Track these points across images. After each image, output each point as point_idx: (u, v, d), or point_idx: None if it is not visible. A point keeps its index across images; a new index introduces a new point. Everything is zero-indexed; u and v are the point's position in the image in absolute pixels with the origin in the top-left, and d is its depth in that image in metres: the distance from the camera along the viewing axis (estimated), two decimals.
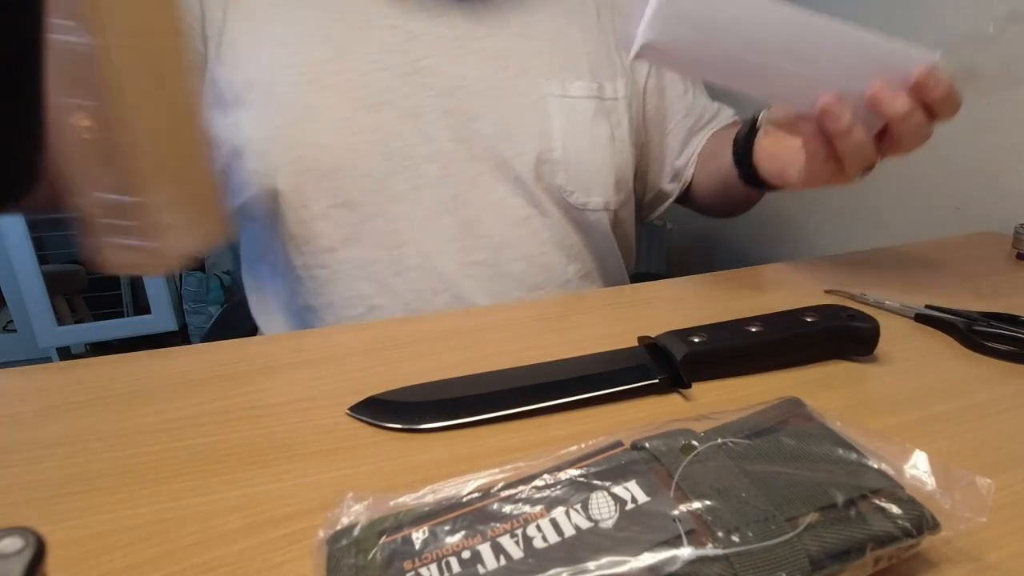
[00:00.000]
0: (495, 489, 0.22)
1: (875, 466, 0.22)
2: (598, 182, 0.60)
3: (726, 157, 0.58)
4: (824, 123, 0.42)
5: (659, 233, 1.33)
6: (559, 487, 0.22)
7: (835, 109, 0.41)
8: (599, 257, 0.64)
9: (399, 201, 0.54)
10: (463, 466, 0.29)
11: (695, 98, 0.69)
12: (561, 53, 0.60)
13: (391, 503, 0.22)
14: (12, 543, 0.15)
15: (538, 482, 0.22)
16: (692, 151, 0.68)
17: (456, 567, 0.19)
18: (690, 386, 0.34)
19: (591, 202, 0.60)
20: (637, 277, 1.21)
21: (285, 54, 0.54)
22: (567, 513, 0.20)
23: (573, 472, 0.22)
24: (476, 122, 0.56)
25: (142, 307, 2.06)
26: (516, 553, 0.19)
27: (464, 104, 0.56)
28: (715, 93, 0.72)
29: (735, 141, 0.56)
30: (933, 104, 0.42)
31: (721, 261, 1.23)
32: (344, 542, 0.21)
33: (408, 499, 0.22)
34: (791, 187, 0.50)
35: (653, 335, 0.37)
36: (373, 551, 0.20)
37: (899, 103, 0.41)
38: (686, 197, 0.72)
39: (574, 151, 0.58)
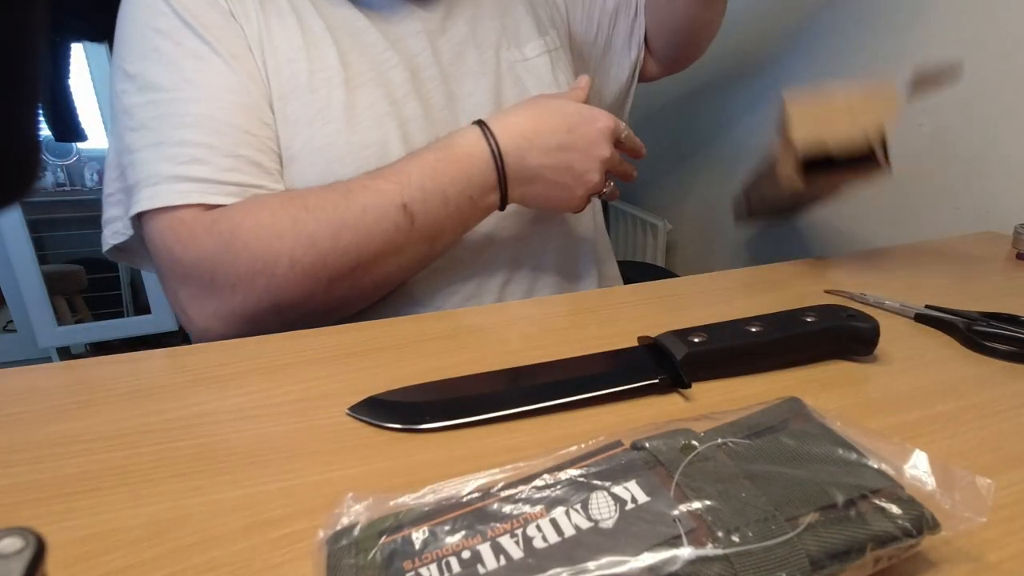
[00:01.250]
0: (495, 489, 0.22)
1: (875, 466, 0.22)
2: None
3: None
4: None
5: (659, 232, 1.33)
6: (559, 487, 0.22)
7: None
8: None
9: None
10: (463, 466, 0.29)
11: None
12: (510, 22, 0.66)
13: (391, 503, 0.22)
14: (12, 543, 0.15)
15: (538, 482, 0.22)
16: (638, 38, 0.75)
17: (456, 567, 0.19)
18: (690, 386, 0.34)
19: None
20: (637, 268, 1.21)
21: (304, 58, 0.54)
22: (567, 513, 0.20)
23: (573, 472, 0.22)
24: (472, 98, 0.61)
25: (142, 307, 2.06)
26: (516, 553, 0.19)
27: (456, 87, 0.60)
28: None
29: None
30: None
31: (721, 261, 1.23)
32: (344, 542, 0.21)
33: (408, 499, 0.22)
34: None
35: (653, 335, 0.37)
36: (373, 551, 0.20)
37: None
38: (657, 64, 0.79)
39: None
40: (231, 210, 0.47)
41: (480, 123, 0.50)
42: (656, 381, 0.34)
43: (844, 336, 0.37)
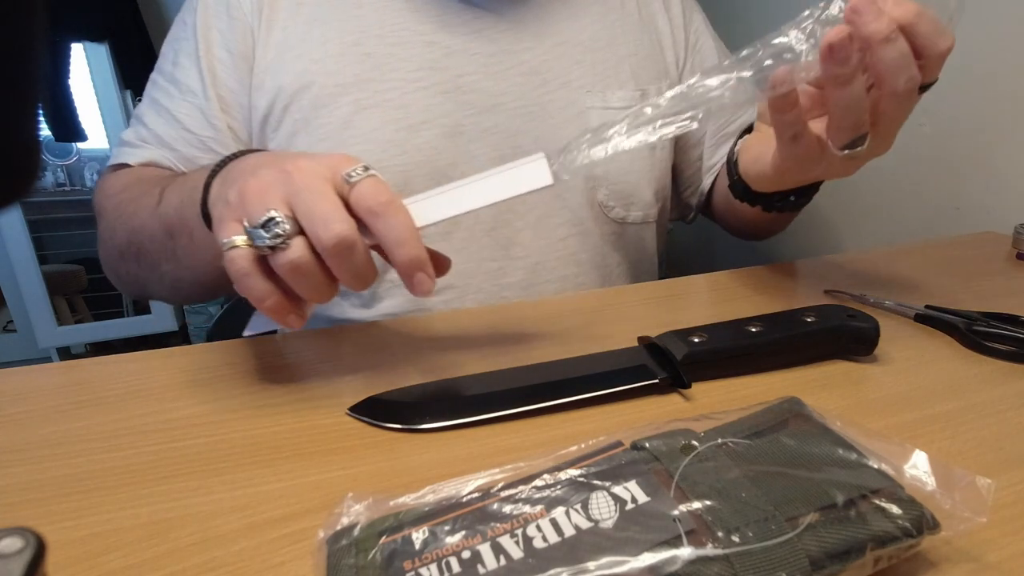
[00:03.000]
0: (495, 489, 0.22)
1: (875, 466, 0.22)
2: (637, 196, 0.59)
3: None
4: (830, 66, 0.32)
5: None
6: (559, 487, 0.22)
7: (844, 44, 0.32)
8: (633, 272, 0.62)
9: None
10: (463, 466, 0.29)
11: None
12: (602, 61, 0.58)
13: (391, 503, 0.22)
14: (12, 543, 0.15)
15: (538, 482, 0.22)
16: (722, 155, 0.63)
17: (456, 567, 0.19)
18: (690, 386, 0.34)
19: (630, 216, 0.59)
20: None
21: (320, 71, 0.52)
22: (567, 513, 0.20)
23: (573, 472, 0.22)
24: (516, 139, 0.55)
25: (142, 307, 2.06)
26: (516, 553, 0.19)
27: (504, 121, 0.55)
28: None
29: (730, 150, 0.51)
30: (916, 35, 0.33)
31: (721, 261, 1.23)
32: (344, 542, 0.21)
33: (408, 499, 0.22)
34: (768, 182, 0.44)
35: (653, 335, 0.37)
36: (373, 551, 0.20)
37: (880, 22, 0.32)
38: (714, 213, 0.68)
39: (615, 166, 0.56)
40: (115, 172, 0.54)
41: None
42: (656, 381, 0.34)
43: (844, 336, 0.37)
